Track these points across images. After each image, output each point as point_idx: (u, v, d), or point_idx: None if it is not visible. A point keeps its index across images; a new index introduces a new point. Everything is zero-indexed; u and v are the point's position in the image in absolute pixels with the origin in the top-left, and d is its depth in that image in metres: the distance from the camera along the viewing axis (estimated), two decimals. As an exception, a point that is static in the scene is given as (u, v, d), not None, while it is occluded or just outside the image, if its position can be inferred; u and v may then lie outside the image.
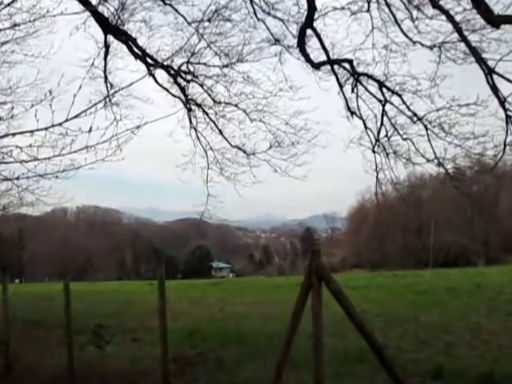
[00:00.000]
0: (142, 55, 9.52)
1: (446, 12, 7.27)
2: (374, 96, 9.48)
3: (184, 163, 10.51)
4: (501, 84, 7.30)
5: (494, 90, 7.38)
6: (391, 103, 9.31)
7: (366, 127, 9.89)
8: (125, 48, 9.56)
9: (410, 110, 9.06)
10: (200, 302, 16.03)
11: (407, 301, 13.98)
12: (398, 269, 43.22)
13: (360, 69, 9.26)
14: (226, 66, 9.72)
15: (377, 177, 9.97)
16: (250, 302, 15.51)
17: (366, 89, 9.48)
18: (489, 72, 7.30)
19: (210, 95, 10.30)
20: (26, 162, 3.60)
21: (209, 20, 8.98)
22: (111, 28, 9.19)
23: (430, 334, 9.35)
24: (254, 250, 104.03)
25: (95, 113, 3.19)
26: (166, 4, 9.17)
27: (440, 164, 8.90)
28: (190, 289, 22.25)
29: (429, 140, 8.94)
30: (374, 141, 9.87)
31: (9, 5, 4.19)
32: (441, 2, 7.36)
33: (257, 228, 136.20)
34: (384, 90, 9.28)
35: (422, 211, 62.45)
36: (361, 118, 9.89)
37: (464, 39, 7.33)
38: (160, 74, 10.11)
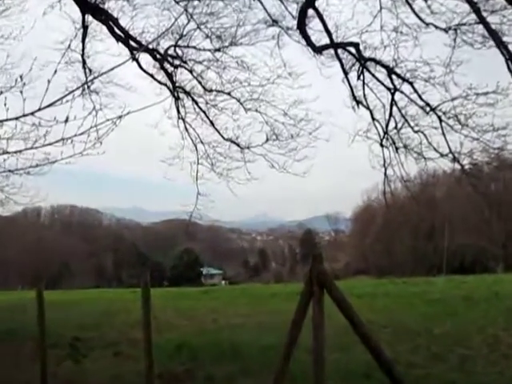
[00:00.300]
0: (124, 37, 9.30)
1: (462, -10, 7.54)
2: (383, 84, 9.38)
3: (171, 158, 10.43)
4: (523, 71, 7.64)
5: (516, 77, 7.77)
6: (401, 92, 9.20)
7: (373, 118, 9.89)
8: (105, 29, 9.38)
9: (422, 99, 8.97)
10: (189, 312, 15.97)
11: (418, 311, 13.95)
12: (407, 275, 43.32)
13: (367, 53, 9.14)
14: (218, 49, 9.60)
15: (385, 173, 10.05)
16: (244, 312, 15.43)
17: (374, 76, 9.37)
18: (509, 57, 7.17)
19: (200, 82, 10.34)
20: (-6, 155, 3.66)
21: (199, -2, 9.46)
22: (90, 6, 8.96)
23: (443, 347, 9.30)
24: (248, 255, 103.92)
25: (72, 101, 3.13)
26: (151, -20, 9.59)
27: (455, 159, 8.84)
28: (178, 297, 22.17)
29: (443, 133, 8.88)
30: (382, 133, 9.90)
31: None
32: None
33: (252, 230, 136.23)
34: (393, 77, 9.17)
35: (434, 211, 62.43)
36: (368, 108, 9.88)
37: (482, 21, 7.20)
38: (144, 58, 10.03)
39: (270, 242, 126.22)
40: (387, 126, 9.67)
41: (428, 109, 8.89)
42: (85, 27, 9.21)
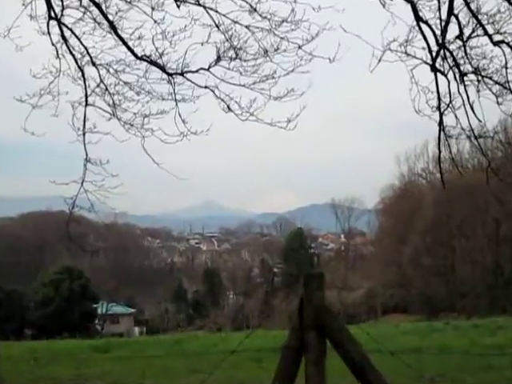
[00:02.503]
0: None
1: None
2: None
3: (36, 94, 10.32)
4: None
5: None
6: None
7: (418, 18, 9.32)
8: None
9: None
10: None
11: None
12: (481, 313, 43.98)
13: None
14: None
15: (440, 123, 9.76)
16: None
17: None
18: None
19: None
20: None
21: None
22: None
23: None
24: (185, 278, 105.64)
25: None
26: None
27: None
28: (47, 361, 21.23)
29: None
30: (434, 47, 9.50)
31: None
32: None
33: (193, 233, 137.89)
34: None
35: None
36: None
37: None
38: None
39: (226, 253, 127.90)
40: (444, 32, 9.24)
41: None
42: None
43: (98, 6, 10.15)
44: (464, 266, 69.11)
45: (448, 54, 9.54)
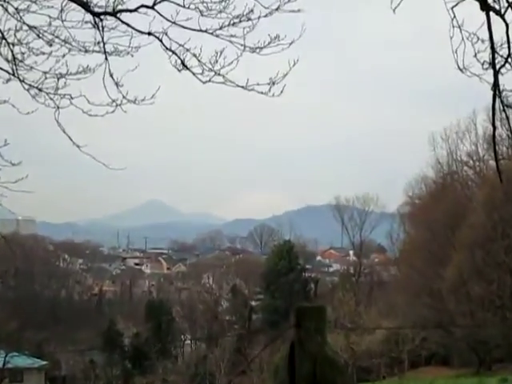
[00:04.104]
0: None
1: None
2: None
3: None
4: None
5: None
6: None
7: None
8: None
9: None
10: None
11: None
12: None
13: None
14: None
15: (495, 85, 9.97)
16: None
17: None
18: None
19: None
20: None
21: None
22: None
23: None
24: (118, 315, 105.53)
25: None
26: None
27: None
28: None
29: None
30: None
31: None
32: None
33: (129, 247, 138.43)
34: None
35: None
36: None
37: None
38: None
39: (180, 278, 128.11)
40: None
41: None
42: None
43: None
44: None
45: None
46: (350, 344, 75.49)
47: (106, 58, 10.65)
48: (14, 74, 11.10)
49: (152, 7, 10.25)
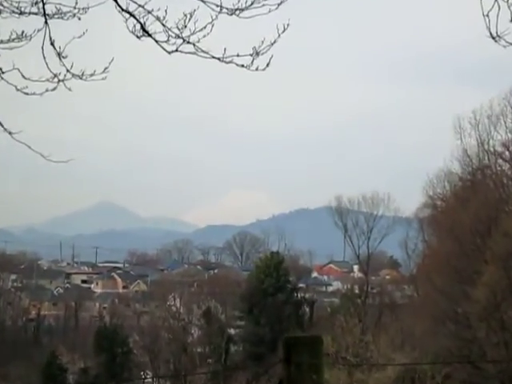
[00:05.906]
0: None
1: None
2: None
3: None
4: None
5: None
6: None
7: None
8: None
9: None
10: None
11: None
12: None
13: None
14: None
15: None
16: None
17: None
18: None
19: None
20: None
21: None
22: None
23: None
24: (61, 345, 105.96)
25: None
26: None
27: None
28: None
29: None
30: None
31: None
32: None
33: (75, 260, 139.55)
34: None
35: None
36: None
37: None
38: None
39: (140, 299, 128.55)
40: None
41: None
42: None
43: None
44: None
45: None
46: (356, 382, 75.24)
47: (46, 22, 10.55)
48: None
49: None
